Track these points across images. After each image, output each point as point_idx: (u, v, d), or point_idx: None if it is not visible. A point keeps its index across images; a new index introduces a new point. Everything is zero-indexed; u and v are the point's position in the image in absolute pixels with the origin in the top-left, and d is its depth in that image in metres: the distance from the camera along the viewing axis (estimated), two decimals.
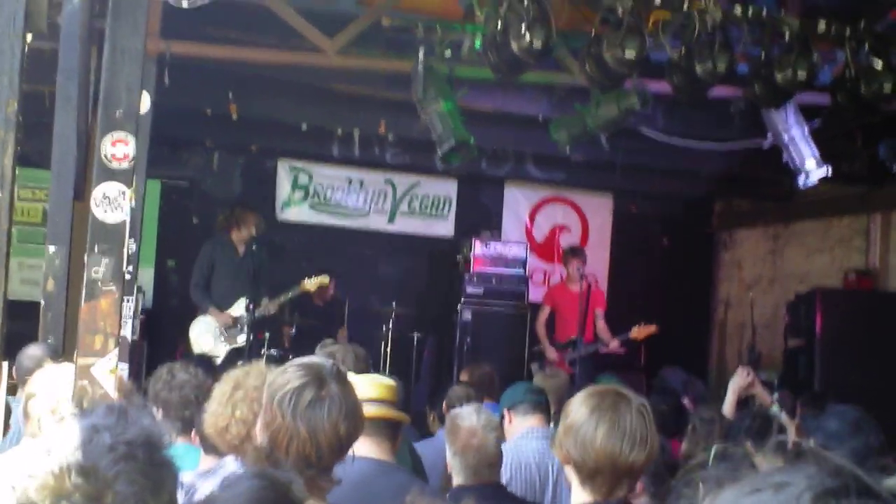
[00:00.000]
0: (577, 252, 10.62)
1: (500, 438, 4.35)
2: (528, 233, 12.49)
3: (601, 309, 10.39)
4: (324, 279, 9.71)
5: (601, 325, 10.29)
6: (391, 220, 12.09)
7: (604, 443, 2.86)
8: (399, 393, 3.93)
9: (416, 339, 10.99)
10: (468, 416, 4.27)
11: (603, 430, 2.87)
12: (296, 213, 11.83)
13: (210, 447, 3.73)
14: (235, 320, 9.36)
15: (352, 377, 3.07)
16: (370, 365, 5.66)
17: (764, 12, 7.11)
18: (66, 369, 3.44)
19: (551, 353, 10.20)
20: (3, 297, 2.45)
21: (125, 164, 2.90)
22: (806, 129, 8.84)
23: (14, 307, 5.99)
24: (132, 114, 3.05)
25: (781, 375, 10.29)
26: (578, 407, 2.96)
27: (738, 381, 5.49)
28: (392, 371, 10.50)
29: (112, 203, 2.83)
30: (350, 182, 11.93)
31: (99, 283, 2.88)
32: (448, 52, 7.71)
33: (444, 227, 12.27)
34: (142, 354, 8.79)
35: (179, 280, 11.45)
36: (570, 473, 2.98)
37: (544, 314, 10.55)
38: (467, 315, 10.78)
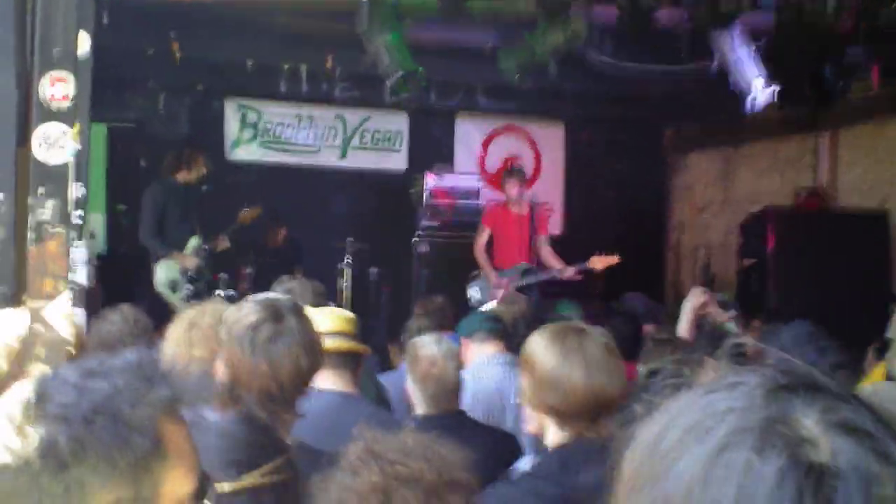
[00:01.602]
0: (513, 172, 10.13)
1: (460, 367, 4.37)
2: (481, 164, 12.48)
3: (544, 234, 9.85)
4: (256, 210, 9.83)
5: (546, 250, 9.75)
6: (343, 155, 12.02)
7: (584, 384, 2.86)
8: (357, 325, 3.93)
9: (373, 274, 10.99)
10: (428, 345, 4.29)
11: (580, 372, 2.87)
12: (246, 151, 11.72)
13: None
14: (195, 261, 9.31)
15: (309, 311, 3.06)
16: (328, 300, 5.66)
17: None
18: (18, 313, 3.40)
19: (495, 279, 9.65)
20: None
21: (66, 104, 2.84)
22: (752, 49, 8.85)
23: None
24: (70, 52, 2.98)
25: (736, 295, 10.42)
26: (544, 353, 2.94)
27: (693, 300, 5.52)
28: (352, 306, 10.53)
29: (54, 144, 2.77)
30: (300, 119, 11.83)
31: (45, 226, 2.83)
32: None
33: (397, 161, 12.23)
34: (98, 300, 8.70)
35: (130, 225, 11.32)
36: (545, 420, 2.97)
37: (483, 237, 9.92)
38: (424, 248, 10.80)
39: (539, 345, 2.99)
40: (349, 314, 3.87)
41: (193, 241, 9.29)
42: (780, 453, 0.91)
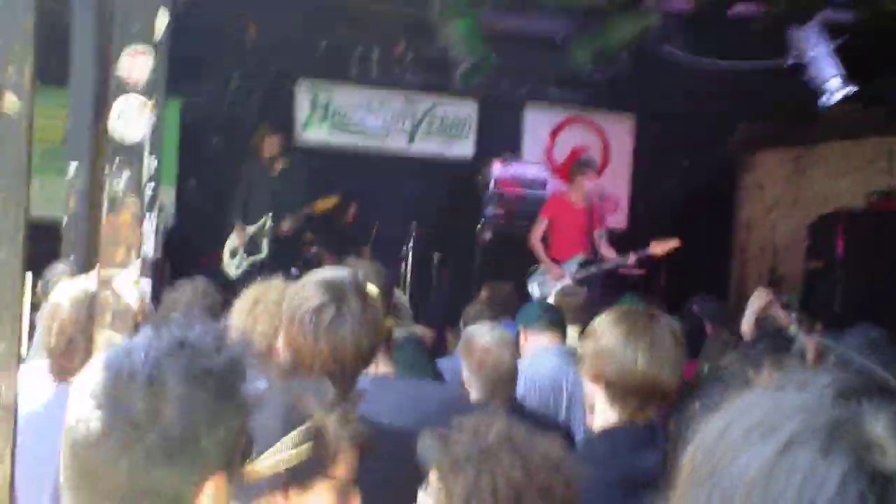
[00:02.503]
0: (588, 165, 10.07)
1: (515, 355, 4.38)
2: (549, 154, 12.43)
3: (603, 228, 9.81)
4: (332, 199, 10.10)
5: (604, 244, 9.70)
6: (411, 140, 12.04)
7: (644, 367, 2.85)
8: (384, 297, 3.76)
9: (436, 259, 11.02)
10: (482, 333, 4.31)
11: (643, 353, 2.86)
12: (316, 133, 11.80)
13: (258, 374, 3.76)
14: (252, 237, 9.61)
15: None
16: (391, 284, 5.66)
17: None
18: (86, 281, 3.48)
19: (556, 271, 9.57)
20: (25, 211, 2.46)
21: (144, 78, 2.90)
22: (830, 46, 8.71)
23: (36, 226, 6.04)
24: (148, 29, 3.03)
25: (801, 297, 10.28)
26: (611, 328, 2.93)
27: (757, 301, 5.47)
28: (412, 290, 10.59)
29: (131, 117, 2.82)
30: (370, 102, 11.88)
31: (120, 196, 2.89)
32: None
33: (465, 149, 12.22)
34: (164, 272, 8.86)
35: (201, 199, 11.49)
36: (597, 391, 2.97)
37: (541, 227, 9.85)
38: (487, 236, 10.81)
39: (607, 320, 2.99)
40: (373, 290, 3.72)
41: (263, 219, 9.56)
42: (847, 457, 0.90)
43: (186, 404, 1.57)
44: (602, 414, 2.96)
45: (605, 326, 2.97)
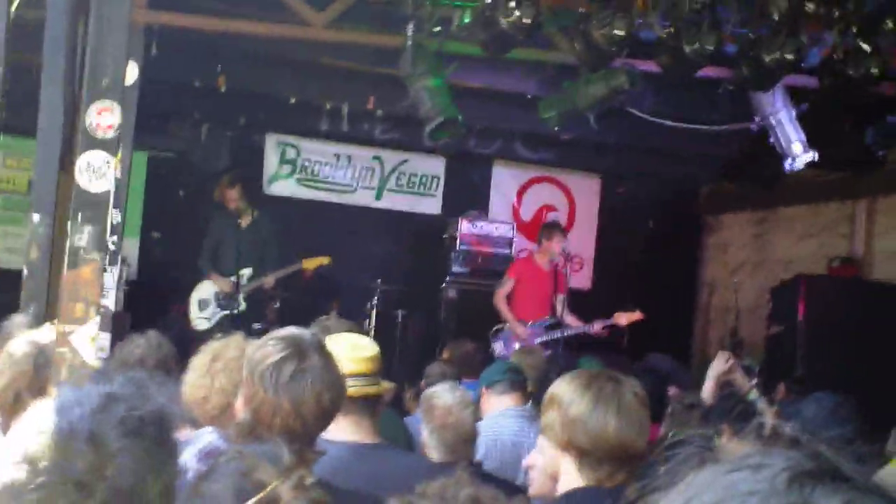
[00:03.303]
0: (556, 228, 10.27)
1: (476, 415, 4.36)
2: (516, 212, 12.49)
3: (563, 293, 9.91)
4: (323, 259, 9.98)
5: (566, 310, 9.85)
6: (378, 196, 12.07)
7: (617, 432, 2.84)
8: (380, 361, 3.74)
9: (400, 316, 10.99)
10: (443, 394, 4.29)
11: (613, 419, 2.85)
12: (283, 187, 11.80)
13: (186, 417, 3.73)
14: (233, 288, 9.54)
15: (331, 347, 3.00)
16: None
17: None
18: (39, 335, 3.44)
19: (520, 330, 9.69)
20: None
21: (110, 133, 2.89)
22: (793, 112, 8.86)
23: None
24: (118, 83, 3.03)
25: (763, 361, 10.32)
26: (578, 395, 2.91)
27: (717, 366, 5.47)
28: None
29: (96, 172, 2.81)
30: (338, 157, 11.90)
31: (81, 252, 2.87)
32: (437, 28, 7.69)
33: (432, 205, 12.26)
34: (125, 325, 8.77)
35: (164, 252, 11.43)
36: (564, 459, 2.94)
37: (506, 287, 10.02)
38: (452, 293, 10.80)
39: (572, 386, 2.95)
40: (372, 351, 3.59)
41: (245, 272, 9.49)
42: None
43: (129, 456, 1.56)
44: (569, 478, 2.94)
45: (572, 394, 2.93)
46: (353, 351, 3.49)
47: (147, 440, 1.59)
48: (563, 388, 2.98)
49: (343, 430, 3.30)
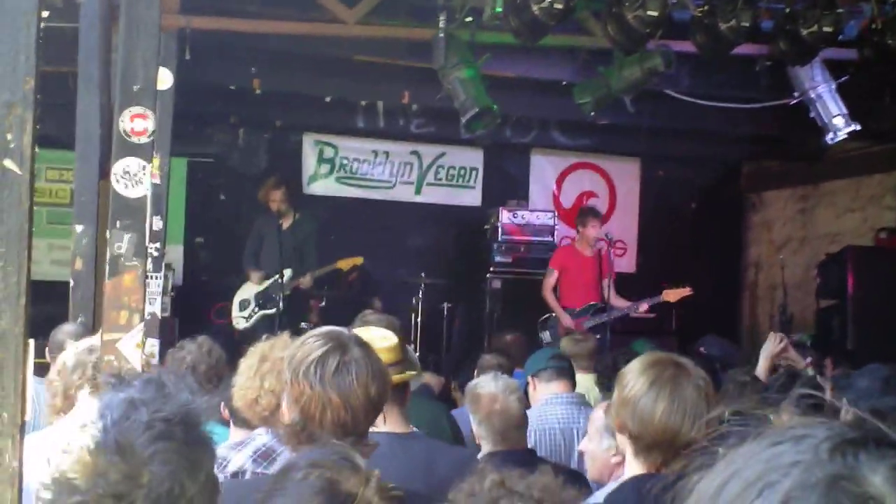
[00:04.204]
0: (592, 213, 10.19)
1: (523, 401, 4.34)
2: (556, 200, 12.43)
3: (611, 277, 9.83)
4: (357, 259, 10.07)
5: (613, 293, 9.77)
6: (418, 191, 12.07)
7: (663, 419, 2.81)
8: (402, 350, 3.72)
9: (445, 309, 10.99)
10: (486, 383, 4.28)
11: (663, 405, 2.82)
12: (322, 186, 11.83)
13: (240, 420, 3.75)
14: (268, 288, 9.57)
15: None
16: (405, 335, 5.63)
17: None
18: (88, 344, 3.47)
19: (566, 320, 9.62)
20: (27, 275, 2.45)
21: (144, 139, 2.90)
22: (833, 85, 8.72)
23: (45, 288, 6.07)
24: (150, 88, 3.04)
25: (814, 336, 10.22)
26: (636, 377, 2.89)
27: (770, 347, 5.43)
28: (423, 342, 10.55)
29: (133, 178, 2.82)
30: (376, 154, 11.91)
31: (122, 259, 2.88)
32: (469, 18, 7.67)
33: (471, 197, 12.24)
34: (173, 331, 8.86)
35: (208, 257, 11.52)
36: (624, 443, 2.94)
37: (551, 279, 9.98)
38: (496, 284, 10.78)
39: (636, 366, 2.95)
40: (391, 341, 3.57)
41: (287, 272, 9.54)
42: None
43: (162, 460, 1.55)
44: (630, 464, 2.92)
45: (632, 374, 2.93)
46: (374, 342, 3.50)
47: (176, 441, 1.58)
48: (629, 368, 2.98)
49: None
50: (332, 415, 2.69)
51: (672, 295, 9.43)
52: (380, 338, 3.57)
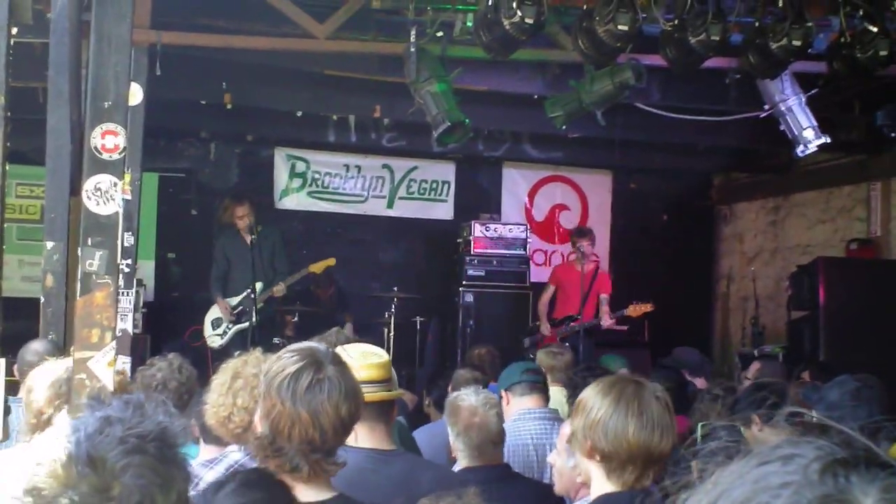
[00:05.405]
0: (584, 232, 10.40)
1: (501, 416, 4.33)
2: (528, 213, 12.47)
3: (606, 294, 10.14)
4: (330, 261, 10.02)
5: (605, 308, 10.02)
6: (390, 205, 12.06)
7: (636, 434, 2.84)
8: (390, 369, 3.74)
9: (418, 323, 10.97)
10: (467, 395, 4.27)
11: (634, 421, 2.85)
12: (294, 200, 11.81)
13: (211, 437, 3.72)
14: (233, 309, 9.53)
15: (344, 357, 3.00)
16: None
17: None
18: (65, 363, 3.43)
19: (545, 330, 10.03)
20: None
21: (116, 156, 2.87)
22: (803, 98, 8.79)
23: (15, 304, 6.02)
24: (121, 104, 3.02)
25: (786, 347, 10.27)
26: (600, 399, 2.91)
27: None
28: (396, 356, 10.52)
29: (104, 195, 2.80)
30: (347, 168, 11.91)
31: (94, 276, 2.86)
32: (440, 33, 7.68)
33: (444, 211, 12.25)
34: (145, 348, 8.80)
35: (180, 273, 11.46)
36: (592, 466, 2.93)
37: (548, 293, 10.37)
38: (469, 298, 10.78)
39: (595, 389, 2.97)
40: (382, 358, 3.60)
41: (259, 286, 9.49)
42: None
43: (133, 473, 1.55)
44: (600, 486, 2.92)
45: (594, 398, 2.94)
46: (364, 358, 3.52)
47: (150, 456, 1.59)
48: (587, 394, 3.01)
49: (358, 437, 3.29)
50: (301, 431, 2.68)
51: (634, 310, 9.71)
52: (373, 353, 3.58)
